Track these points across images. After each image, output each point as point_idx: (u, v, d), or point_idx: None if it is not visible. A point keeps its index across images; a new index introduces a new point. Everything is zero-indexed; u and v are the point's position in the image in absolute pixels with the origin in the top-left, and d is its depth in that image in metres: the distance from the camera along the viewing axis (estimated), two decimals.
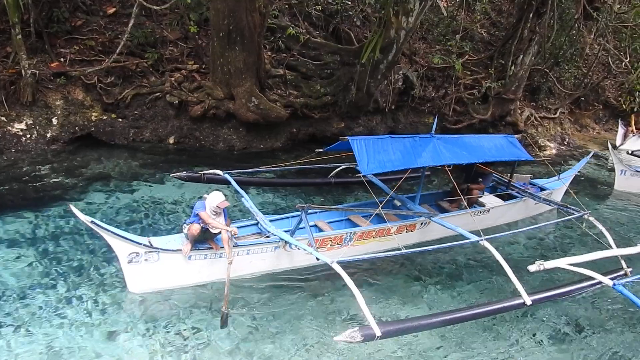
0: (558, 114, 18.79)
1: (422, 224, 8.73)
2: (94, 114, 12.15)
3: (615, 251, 7.70)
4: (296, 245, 7.17)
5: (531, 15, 15.49)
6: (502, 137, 10.16)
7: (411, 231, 8.67)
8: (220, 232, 6.92)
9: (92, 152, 11.74)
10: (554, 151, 16.86)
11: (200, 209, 6.82)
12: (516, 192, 10.38)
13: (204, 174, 8.72)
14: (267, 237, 7.44)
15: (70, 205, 5.59)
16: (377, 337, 5.31)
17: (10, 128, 11.28)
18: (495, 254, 6.99)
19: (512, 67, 15.86)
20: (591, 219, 8.77)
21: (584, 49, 19.68)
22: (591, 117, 20.31)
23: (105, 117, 12.29)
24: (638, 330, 7.26)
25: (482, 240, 7.30)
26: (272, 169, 9.89)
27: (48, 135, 11.57)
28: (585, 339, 7.02)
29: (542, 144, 16.79)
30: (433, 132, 8.91)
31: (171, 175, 8.57)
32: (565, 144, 17.83)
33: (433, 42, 16.96)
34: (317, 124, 14.00)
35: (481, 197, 9.94)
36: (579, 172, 11.98)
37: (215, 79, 12.75)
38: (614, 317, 7.49)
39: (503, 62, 16.29)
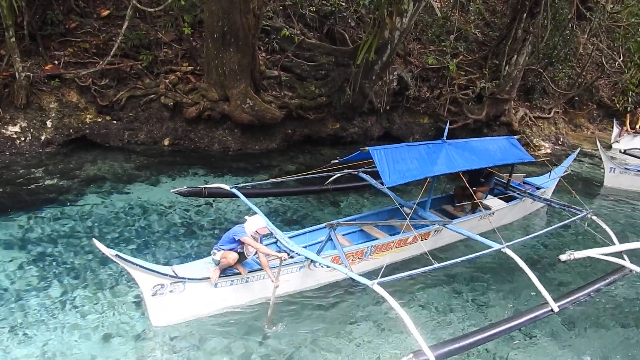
0: (552, 113, 18.88)
1: (435, 231, 8.58)
2: (88, 116, 12.13)
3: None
4: (329, 266, 6.83)
5: (525, 15, 15.54)
6: (504, 139, 10.08)
7: (425, 239, 8.48)
8: (248, 256, 6.63)
9: (87, 154, 11.72)
10: (548, 150, 16.94)
11: (241, 234, 6.39)
12: (516, 192, 10.38)
13: (205, 188, 8.42)
14: (291, 257, 6.99)
15: (94, 240, 5.22)
16: None
17: (4, 131, 11.25)
18: (519, 262, 6.92)
19: (506, 67, 15.92)
20: (594, 217, 8.83)
21: (578, 49, 19.77)
22: (585, 116, 20.41)
23: (99, 120, 12.27)
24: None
25: (503, 247, 7.20)
26: (279, 180, 9.57)
27: (42, 137, 11.54)
28: (581, 336, 7.09)
29: (537, 144, 16.86)
30: (444, 137, 8.74)
31: (172, 191, 8.27)
32: (560, 143, 17.92)
33: (427, 42, 17.01)
34: (312, 125, 14.03)
35: (484, 199, 9.87)
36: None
37: (210, 80, 12.75)
38: (611, 316, 7.54)
39: (497, 62, 16.36)
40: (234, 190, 8.23)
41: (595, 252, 7.65)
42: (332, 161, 9.10)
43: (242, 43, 12.12)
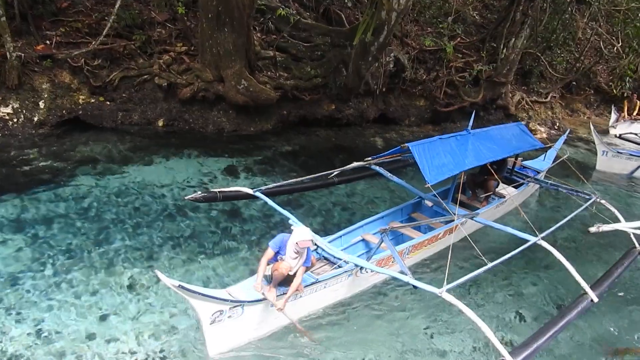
0: (549, 98, 18.82)
1: (461, 224, 8.19)
2: (81, 97, 11.97)
3: None
4: (391, 276, 6.43)
5: None
6: (515, 126, 9.89)
7: (450, 233, 8.26)
8: (309, 268, 6.11)
9: (80, 135, 11.60)
10: (544, 135, 16.90)
11: (274, 245, 5.90)
12: (522, 177, 10.24)
13: (220, 191, 7.63)
14: (338, 265, 6.66)
15: (157, 271, 4.89)
16: None
17: None
18: (555, 253, 6.84)
19: (504, 51, 15.81)
20: (602, 201, 8.85)
21: (577, 33, 19.63)
22: (582, 101, 20.35)
23: (92, 100, 12.11)
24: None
25: (538, 239, 7.11)
26: (308, 178, 8.73)
27: (35, 119, 11.39)
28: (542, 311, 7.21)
29: (533, 128, 16.82)
30: (470, 127, 8.52)
31: (186, 198, 7.60)
32: (556, 128, 17.89)
33: (425, 24, 16.84)
34: (308, 106, 13.91)
35: (497, 187, 9.73)
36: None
37: (204, 61, 12.60)
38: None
39: (495, 45, 16.25)
40: (258, 194, 7.60)
41: (623, 226, 7.78)
42: (366, 158, 8.62)
43: (237, 23, 11.96)
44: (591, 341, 6.68)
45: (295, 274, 5.86)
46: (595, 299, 6.38)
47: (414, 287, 5.95)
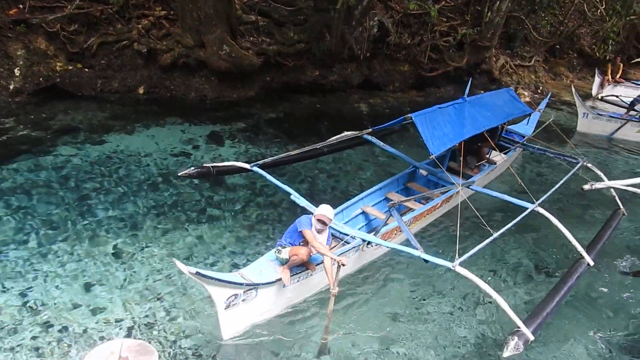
0: (533, 62, 18.80)
1: (457, 193, 8.14)
2: (58, 63, 11.66)
3: None
4: (400, 250, 6.35)
5: None
6: (505, 92, 9.82)
7: (448, 202, 8.33)
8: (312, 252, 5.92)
9: (59, 103, 11.35)
10: (527, 99, 16.95)
11: (305, 226, 5.73)
12: (509, 143, 10.19)
13: (214, 166, 7.35)
14: (346, 242, 6.53)
15: (174, 260, 4.81)
16: (532, 340, 5.13)
17: None
18: (552, 219, 6.92)
19: (488, 14, 15.63)
20: (589, 165, 8.95)
21: None
22: (565, 65, 20.39)
23: (70, 67, 11.81)
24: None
25: (536, 207, 7.14)
26: (307, 149, 8.35)
27: (11, 87, 11.09)
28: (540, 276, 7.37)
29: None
30: (466, 95, 8.39)
31: (179, 174, 7.31)
32: (539, 92, 17.94)
33: None
34: (291, 72, 13.73)
35: (489, 154, 9.76)
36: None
37: (185, 26, 12.29)
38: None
39: (479, 8, 16.06)
40: (256, 169, 7.39)
41: (615, 183, 8.04)
42: (372, 128, 8.48)
43: None
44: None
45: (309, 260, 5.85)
46: (592, 263, 6.54)
47: (425, 261, 5.88)
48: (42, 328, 5.48)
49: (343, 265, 5.49)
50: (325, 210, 5.77)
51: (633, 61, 19.85)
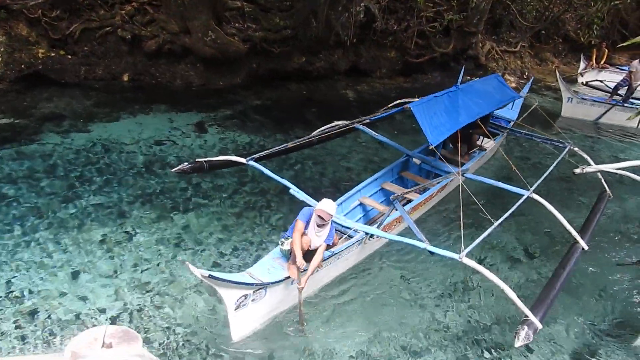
0: (519, 47, 18.88)
1: (452, 181, 8.13)
2: (40, 50, 11.48)
3: None
4: (405, 243, 6.09)
5: None
6: (494, 78, 9.79)
7: (442, 191, 8.27)
8: (331, 247, 5.82)
9: (42, 91, 11.21)
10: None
11: (302, 217, 5.62)
12: (496, 128, 10.17)
13: (207, 161, 7.21)
14: (349, 235, 6.38)
15: (187, 263, 4.68)
16: (540, 328, 5.07)
17: None
18: (547, 205, 6.92)
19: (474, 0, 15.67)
20: (576, 149, 9.00)
21: None
22: (551, 50, 20.51)
23: (53, 54, 11.64)
24: None
25: (530, 193, 7.14)
26: (303, 141, 8.23)
27: None
28: (534, 262, 7.44)
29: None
30: (459, 82, 8.32)
31: (172, 170, 7.16)
32: (525, 77, 18.03)
33: None
34: (278, 59, 13.65)
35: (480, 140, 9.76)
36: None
37: (169, 11, 12.15)
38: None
39: None
40: (252, 163, 7.17)
41: (605, 167, 8.11)
42: (370, 118, 8.37)
43: None
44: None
45: (315, 250, 5.64)
46: (586, 247, 6.59)
47: (431, 253, 5.73)
48: (28, 316, 5.47)
49: (300, 269, 5.39)
50: (325, 205, 5.58)
51: (618, 46, 19.98)
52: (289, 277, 5.53)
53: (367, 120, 8.43)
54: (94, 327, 2.34)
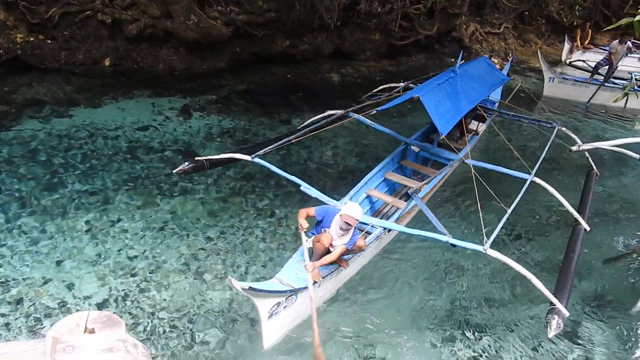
0: (502, 29, 18.91)
1: (451, 167, 8.01)
2: (19, 35, 11.24)
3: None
4: (425, 237, 5.85)
5: None
6: (483, 60, 9.74)
7: (443, 178, 8.26)
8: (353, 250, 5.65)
9: (22, 77, 11.00)
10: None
11: (321, 212, 5.47)
12: (484, 111, 9.91)
13: (207, 159, 6.85)
14: (367, 232, 6.07)
15: (230, 278, 4.47)
16: (567, 315, 5.04)
17: None
18: (550, 189, 6.93)
19: None
20: (563, 129, 9.06)
21: None
22: (534, 32, 20.56)
23: (32, 39, 11.40)
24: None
25: (532, 177, 7.08)
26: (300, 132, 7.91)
27: None
28: (529, 245, 7.54)
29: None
30: (457, 67, 8.21)
31: (174, 171, 6.76)
32: (509, 59, 18.09)
33: None
34: (261, 42, 13.53)
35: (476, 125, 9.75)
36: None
37: None
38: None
39: None
40: (257, 160, 6.76)
41: (601, 144, 8.25)
42: (376, 110, 7.89)
43: None
44: None
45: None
46: (588, 228, 6.66)
47: (453, 245, 5.53)
48: (12, 304, 5.48)
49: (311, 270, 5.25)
50: (351, 210, 5.24)
51: (604, 29, 20.09)
52: (315, 282, 5.37)
53: (375, 112, 7.89)
54: (77, 313, 2.35)
